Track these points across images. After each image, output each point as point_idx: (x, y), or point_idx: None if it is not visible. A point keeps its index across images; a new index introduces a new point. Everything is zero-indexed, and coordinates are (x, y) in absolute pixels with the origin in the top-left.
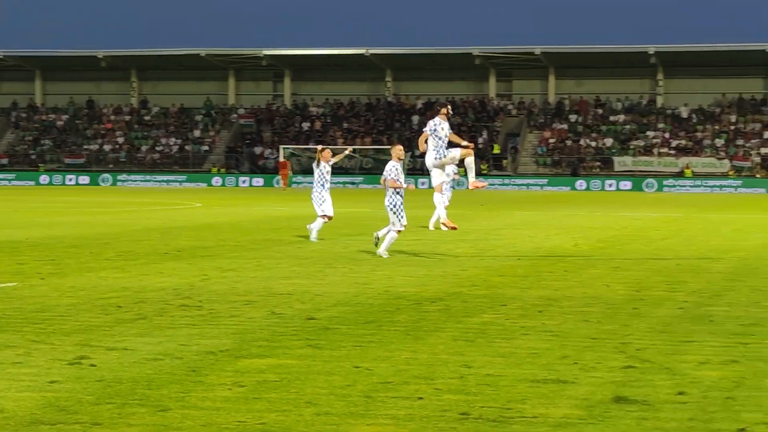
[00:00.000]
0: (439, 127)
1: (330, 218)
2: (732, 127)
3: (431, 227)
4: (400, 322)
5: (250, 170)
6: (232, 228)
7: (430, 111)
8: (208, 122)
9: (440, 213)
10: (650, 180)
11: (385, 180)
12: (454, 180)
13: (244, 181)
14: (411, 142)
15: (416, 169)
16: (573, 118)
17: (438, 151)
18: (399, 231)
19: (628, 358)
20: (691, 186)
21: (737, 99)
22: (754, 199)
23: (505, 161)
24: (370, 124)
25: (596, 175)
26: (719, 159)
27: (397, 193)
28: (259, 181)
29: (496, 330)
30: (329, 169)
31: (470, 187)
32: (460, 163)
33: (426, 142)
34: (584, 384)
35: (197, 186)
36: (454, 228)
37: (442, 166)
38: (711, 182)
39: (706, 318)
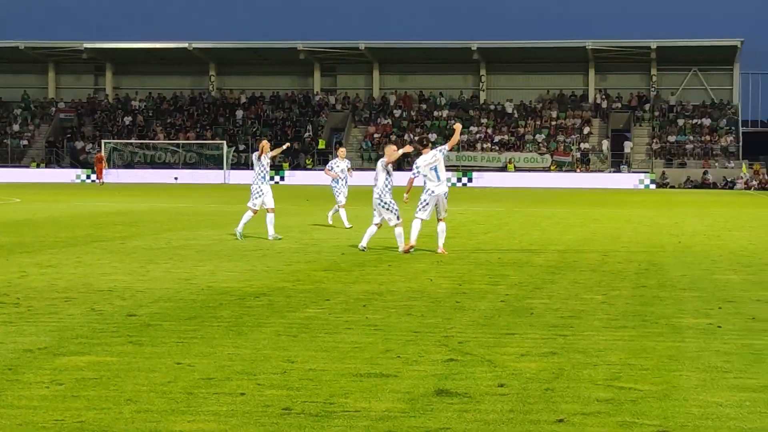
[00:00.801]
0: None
1: (272, 210)
2: (553, 123)
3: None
4: (222, 318)
5: (70, 165)
6: (51, 224)
7: (254, 106)
8: (27, 116)
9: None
10: (474, 174)
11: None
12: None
13: (64, 176)
14: (234, 138)
15: (239, 163)
16: (397, 113)
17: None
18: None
19: (450, 351)
20: (513, 180)
21: (558, 95)
22: (573, 194)
23: (330, 156)
24: (193, 118)
25: None
26: (541, 154)
27: (386, 186)
28: (79, 175)
29: (320, 324)
30: (269, 161)
31: (438, 251)
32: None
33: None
34: (407, 377)
35: (16, 181)
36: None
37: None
38: (533, 177)
39: (526, 311)
